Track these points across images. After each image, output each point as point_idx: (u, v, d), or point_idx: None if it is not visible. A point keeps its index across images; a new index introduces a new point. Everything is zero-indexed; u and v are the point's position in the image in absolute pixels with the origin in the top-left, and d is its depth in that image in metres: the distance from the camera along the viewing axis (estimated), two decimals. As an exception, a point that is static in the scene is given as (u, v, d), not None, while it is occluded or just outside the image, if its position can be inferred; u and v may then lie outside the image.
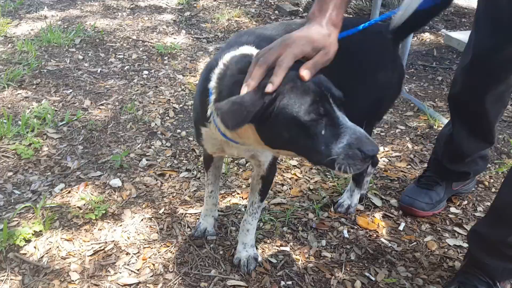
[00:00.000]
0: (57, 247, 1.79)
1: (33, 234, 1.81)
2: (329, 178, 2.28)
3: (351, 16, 4.68)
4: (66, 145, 2.41)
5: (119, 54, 3.52)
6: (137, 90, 3.05)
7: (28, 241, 1.80)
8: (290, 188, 2.20)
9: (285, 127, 1.14)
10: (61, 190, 2.09)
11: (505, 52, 1.63)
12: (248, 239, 1.76)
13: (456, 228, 2.02)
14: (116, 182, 2.16)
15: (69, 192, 2.09)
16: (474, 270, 1.58)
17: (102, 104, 2.83)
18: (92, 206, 1.99)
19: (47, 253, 1.76)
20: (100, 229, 1.90)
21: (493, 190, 2.27)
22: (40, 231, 1.84)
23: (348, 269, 1.78)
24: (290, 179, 2.28)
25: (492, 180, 2.34)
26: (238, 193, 2.16)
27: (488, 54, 1.67)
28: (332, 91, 1.15)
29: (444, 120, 2.82)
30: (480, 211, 2.12)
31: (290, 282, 1.69)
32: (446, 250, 1.90)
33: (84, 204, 2.01)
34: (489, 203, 2.17)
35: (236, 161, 2.38)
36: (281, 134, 1.15)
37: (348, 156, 1.09)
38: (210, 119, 1.35)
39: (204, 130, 1.47)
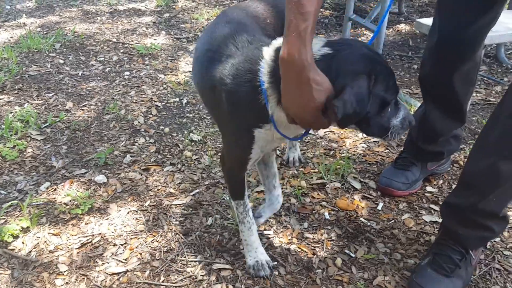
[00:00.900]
0: (45, 241, 1.83)
1: (20, 230, 1.85)
2: (310, 165, 2.34)
3: (328, 12, 4.78)
4: (50, 146, 2.45)
5: (100, 57, 3.56)
6: (119, 90, 3.09)
7: (16, 237, 1.83)
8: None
9: (371, 108, 1.22)
10: (47, 188, 2.13)
11: (468, 31, 1.72)
12: None
13: (432, 206, 2.10)
14: (101, 178, 2.21)
15: (55, 190, 2.13)
16: (447, 241, 1.66)
17: (84, 106, 2.87)
18: (78, 202, 2.03)
19: (35, 248, 1.80)
20: (87, 223, 1.94)
21: (468, 168, 2.36)
22: (28, 227, 1.88)
23: (329, 248, 1.84)
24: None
25: (466, 159, 2.42)
26: (222, 183, 2.21)
27: (452, 34, 1.75)
28: None
29: (418, 104, 2.91)
30: (455, 188, 2.21)
31: (274, 263, 1.75)
32: (422, 226, 1.98)
33: (70, 200, 2.05)
34: (463, 181, 2.25)
35: (219, 154, 2.44)
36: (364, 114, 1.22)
37: (400, 127, 1.31)
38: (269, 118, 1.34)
39: (258, 132, 1.42)
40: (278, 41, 1.29)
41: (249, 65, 1.34)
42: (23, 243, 1.82)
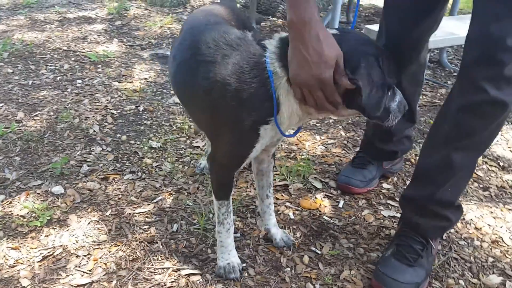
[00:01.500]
0: (4, 256, 1.74)
1: (-25, 246, 1.76)
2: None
3: (281, 20, 4.88)
4: (2, 158, 2.34)
5: (50, 65, 3.44)
6: (72, 99, 3.00)
7: (-30, 253, 1.74)
8: (236, 180, 2.28)
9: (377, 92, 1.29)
10: (2, 201, 2.03)
11: (412, 34, 1.84)
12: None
13: (389, 201, 2.19)
14: (58, 189, 2.13)
15: (10, 202, 2.03)
16: (408, 232, 1.74)
17: (36, 115, 2.76)
18: (36, 214, 1.95)
19: (-8, 264, 1.71)
20: (47, 235, 1.87)
21: (420, 165, 2.48)
22: (-17, 242, 1.78)
23: (295, 247, 1.88)
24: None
25: (417, 158, 2.55)
26: (185, 189, 2.20)
27: (398, 37, 1.86)
28: None
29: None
30: (409, 184, 2.32)
31: (244, 265, 1.76)
32: (382, 221, 2.06)
33: (27, 213, 1.97)
34: (417, 177, 2.37)
35: (181, 160, 2.43)
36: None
37: (398, 111, 1.41)
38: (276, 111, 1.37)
39: (264, 129, 1.42)
40: (277, 35, 1.37)
41: (253, 59, 1.36)
42: (-22, 259, 1.72)
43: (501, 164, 2.54)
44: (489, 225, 2.08)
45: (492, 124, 1.59)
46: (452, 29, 2.73)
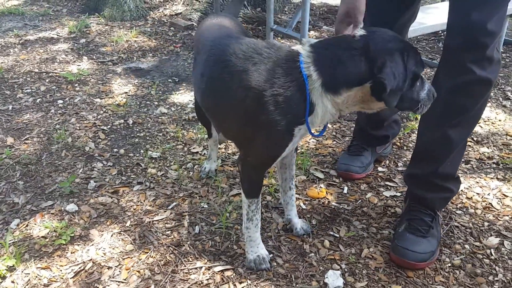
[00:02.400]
0: (36, 277, 1.75)
1: (7, 270, 1.74)
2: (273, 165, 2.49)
3: (244, 25, 5.01)
4: (4, 184, 2.30)
5: (26, 89, 3.38)
6: (58, 119, 2.98)
7: (3, 277, 1.72)
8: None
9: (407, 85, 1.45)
10: (17, 225, 2.02)
11: (394, 26, 1.97)
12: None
13: (388, 183, 2.37)
14: (72, 207, 2.14)
15: (27, 225, 2.02)
16: (417, 207, 1.91)
17: (27, 139, 2.73)
18: (57, 233, 1.96)
19: (27, 285, 1.71)
20: (73, 252, 1.89)
21: (405, 148, 2.69)
22: (13, 265, 1.77)
23: (314, 233, 2.00)
24: (238, 171, 2.45)
25: (401, 140, 2.77)
26: (196, 193, 2.27)
27: None
28: None
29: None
30: (400, 165, 2.51)
31: (271, 255, 1.86)
32: (385, 201, 2.23)
33: (48, 233, 1.97)
34: (405, 158, 2.57)
35: (184, 167, 2.49)
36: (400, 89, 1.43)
37: (427, 99, 1.54)
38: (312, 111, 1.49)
39: (299, 129, 1.52)
40: (305, 40, 1.50)
41: (287, 65, 1.46)
42: (13, 282, 1.71)
43: (475, 139, 2.80)
44: (478, 193, 2.30)
45: (481, 101, 1.80)
46: (420, 20, 2.98)
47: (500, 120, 3.02)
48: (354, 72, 1.44)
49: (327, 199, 2.24)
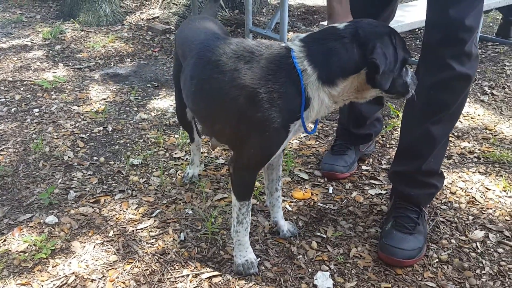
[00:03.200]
0: (16, 294, 1.69)
1: (-15, 288, 1.68)
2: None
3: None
4: (-21, 197, 2.23)
5: (0, 98, 3.28)
6: (34, 128, 2.90)
7: (-19, 296, 1.66)
8: (226, 183, 2.34)
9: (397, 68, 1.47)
10: (-5, 240, 1.95)
11: None
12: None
13: (372, 181, 2.37)
14: (52, 219, 2.08)
15: (4, 240, 1.95)
16: (403, 204, 1.91)
17: (2, 150, 2.64)
18: (37, 247, 1.89)
19: (7, 303, 1.65)
20: (54, 266, 1.82)
21: (388, 146, 2.70)
22: (-9, 283, 1.71)
23: (301, 234, 1.99)
24: (222, 176, 2.42)
25: (384, 138, 2.77)
26: (180, 199, 2.23)
27: None
28: None
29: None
30: (384, 163, 2.52)
31: (258, 259, 1.83)
32: (371, 199, 2.23)
33: (27, 247, 1.90)
34: (388, 156, 2.58)
35: (166, 173, 2.45)
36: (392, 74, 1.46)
37: (413, 84, 1.59)
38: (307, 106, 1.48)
39: (294, 125, 1.51)
40: (294, 35, 1.50)
41: (280, 61, 1.45)
42: (-8, 301, 1.65)
43: (456, 134, 2.82)
44: (461, 188, 2.31)
45: (461, 96, 1.81)
46: (397, 18, 3.00)
47: (479, 115, 3.06)
48: (349, 60, 1.43)
49: (313, 200, 2.22)
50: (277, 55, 1.47)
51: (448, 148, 2.66)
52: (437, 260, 1.85)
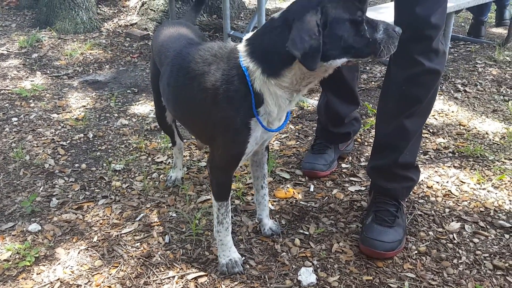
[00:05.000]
0: (1, 302, 1.68)
1: (-31, 298, 1.67)
2: (240, 169, 2.50)
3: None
4: (-41, 208, 2.20)
5: (-23, 108, 3.25)
6: (14, 137, 2.87)
7: (-35, 306, 1.65)
8: (209, 185, 2.37)
9: (342, 31, 1.35)
10: (-23, 250, 1.93)
11: None
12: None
13: (352, 178, 2.43)
14: (34, 226, 2.07)
15: (-13, 249, 1.94)
16: (382, 198, 1.97)
17: (-19, 160, 2.62)
18: (21, 255, 1.89)
19: (-8, 312, 1.64)
20: (39, 273, 1.82)
21: (366, 144, 2.76)
22: (-25, 293, 1.70)
23: (284, 233, 2.02)
24: (205, 178, 2.44)
25: (362, 137, 2.84)
26: (163, 203, 2.25)
27: None
28: None
29: (310, 101, 3.28)
30: (363, 161, 2.58)
31: (243, 258, 1.86)
32: (351, 196, 2.28)
33: (10, 255, 1.90)
34: (367, 154, 2.64)
35: (149, 177, 2.46)
36: (340, 39, 1.36)
37: (388, 37, 1.41)
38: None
39: (254, 121, 1.53)
40: (245, 36, 1.52)
41: (230, 60, 1.51)
42: (-24, 310, 1.64)
43: (431, 130, 2.91)
44: (437, 182, 2.39)
45: (432, 90, 1.88)
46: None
47: (453, 112, 3.15)
48: (285, 49, 1.35)
49: (295, 198, 2.26)
50: (229, 56, 1.54)
51: (424, 144, 2.75)
52: (416, 252, 1.91)
